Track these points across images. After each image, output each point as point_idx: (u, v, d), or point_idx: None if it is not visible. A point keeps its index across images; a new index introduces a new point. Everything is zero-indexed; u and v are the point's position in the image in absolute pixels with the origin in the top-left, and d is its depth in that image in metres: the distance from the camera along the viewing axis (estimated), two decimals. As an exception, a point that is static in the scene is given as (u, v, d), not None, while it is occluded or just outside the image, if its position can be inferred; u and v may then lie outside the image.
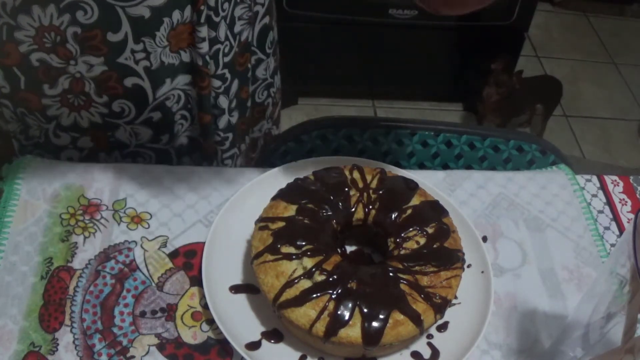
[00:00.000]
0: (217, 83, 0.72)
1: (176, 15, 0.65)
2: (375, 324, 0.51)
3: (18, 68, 0.65)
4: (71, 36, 0.63)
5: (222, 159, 0.81)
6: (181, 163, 0.79)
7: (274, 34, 0.83)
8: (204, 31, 0.67)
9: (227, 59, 0.72)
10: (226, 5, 0.68)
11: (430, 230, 0.58)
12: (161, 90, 0.70)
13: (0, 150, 0.77)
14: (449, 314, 0.56)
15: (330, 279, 0.53)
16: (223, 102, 0.75)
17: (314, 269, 0.53)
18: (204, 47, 0.68)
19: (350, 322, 0.51)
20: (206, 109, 0.74)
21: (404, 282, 0.54)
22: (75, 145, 0.73)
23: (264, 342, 0.55)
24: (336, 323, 0.51)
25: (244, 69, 0.77)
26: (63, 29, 0.62)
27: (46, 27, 0.61)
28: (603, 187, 0.74)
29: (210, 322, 0.56)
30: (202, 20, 0.66)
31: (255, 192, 0.64)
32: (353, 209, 0.60)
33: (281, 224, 0.56)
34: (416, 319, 0.52)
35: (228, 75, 0.74)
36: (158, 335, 0.56)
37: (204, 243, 0.60)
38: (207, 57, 0.69)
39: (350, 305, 0.51)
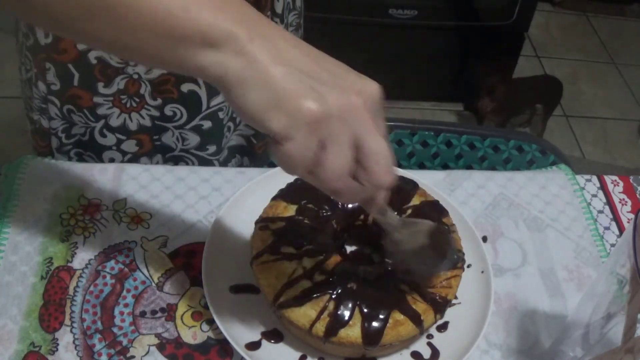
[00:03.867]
0: None
1: None
2: (375, 324, 0.51)
3: (73, 65, 0.65)
4: None
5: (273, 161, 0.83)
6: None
7: (301, 32, 0.84)
8: None
9: None
10: (286, 12, 0.69)
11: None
12: (216, 100, 0.71)
13: (37, 148, 0.77)
14: (449, 314, 0.56)
15: (330, 279, 0.53)
16: None
17: (314, 269, 0.53)
18: None
19: (350, 322, 0.51)
20: None
21: (404, 282, 0.54)
22: (119, 148, 0.73)
23: (264, 342, 0.55)
24: (336, 323, 0.51)
25: None
26: None
27: None
28: (603, 187, 0.74)
29: (210, 322, 0.56)
30: None
31: (255, 192, 0.64)
32: (353, 209, 0.60)
33: (281, 224, 0.56)
34: (416, 319, 0.52)
35: None
36: (158, 335, 0.56)
37: (204, 243, 0.60)
38: None
39: (350, 305, 0.51)
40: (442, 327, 0.57)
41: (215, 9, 0.38)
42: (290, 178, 0.62)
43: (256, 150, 0.82)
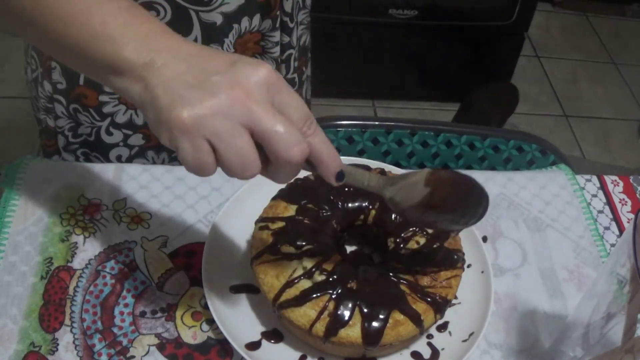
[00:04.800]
0: None
1: (244, 22, 0.65)
2: (375, 324, 0.51)
3: None
4: None
5: None
6: None
7: (309, 32, 0.84)
8: (277, 36, 0.68)
9: (296, 64, 0.73)
10: (295, 11, 0.69)
11: (430, 230, 0.58)
12: None
13: (44, 147, 0.77)
14: (449, 314, 0.56)
15: (330, 279, 0.53)
16: None
17: (314, 269, 0.53)
18: (276, 51, 0.69)
19: (350, 322, 0.51)
20: None
21: (404, 282, 0.54)
22: (125, 143, 0.73)
23: (264, 342, 0.55)
24: (336, 323, 0.51)
25: (301, 72, 0.78)
26: None
27: None
28: (603, 187, 0.74)
29: (210, 322, 0.56)
30: (277, 25, 0.67)
31: (255, 192, 0.64)
32: (353, 209, 0.60)
33: (281, 224, 0.56)
34: (416, 319, 0.52)
35: (297, 80, 0.75)
36: (158, 335, 0.56)
37: (204, 243, 0.60)
38: (279, 61, 0.70)
39: (350, 305, 0.51)
40: (442, 327, 0.58)
41: (119, 37, 0.41)
42: (290, 178, 0.62)
43: None
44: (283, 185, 0.61)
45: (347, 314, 0.51)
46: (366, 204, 0.60)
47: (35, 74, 0.71)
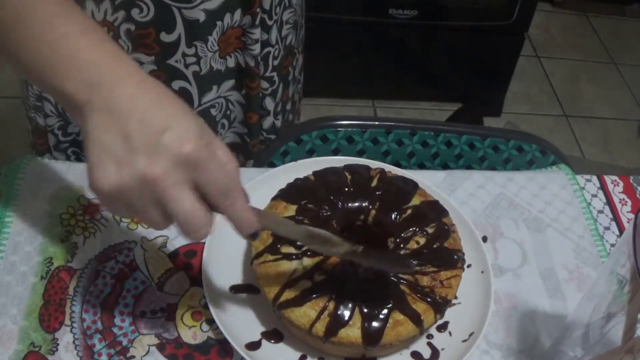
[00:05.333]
0: (265, 84, 0.73)
1: (227, 19, 0.65)
2: (375, 324, 0.51)
3: None
4: (124, 32, 0.63)
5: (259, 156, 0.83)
6: None
7: (302, 32, 0.84)
8: (257, 33, 0.67)
9: (276, 62, 0.73)
10: (278, 9, 0.69)
11: (430, 231, 0.58)
12: (207, 96, 0.71)
13: (35, 146, 0.77)
14: (449, 314, 0.56)
15: (330, 279, 0.53)
16: (269, 104, 0.76)
17: (314, 269, 0.53)
18: (256, 49, 0.69)
19: (350, 322, 0.51)
20: (254, 109, 0.75)
21: (404, 282, 0.54)
22: None
23: (264, 342, 0.55)
24: (336, 323, 0.51)
25: (286, 72, 0.78)
26: (117, 25, 0.62)
27: (99, 22, 0.62)
28: (603, 187, 0.74)
29: (210, 322, 0.56)
30: (257, 22, 0.66)
31: (255, 192, 0.64)
32: (353, 209, 0.60)
33: (281, 224, 0.56)
34: (416, 319, 0.52)
35: (276, 79, 0.75)
36: (158, 335, 0.56)
37: (204, 243, 0.60)
38: (259, 59, 0.69)
39: (350, 305, 0.51)
40: (442, 327, 0.58)
41: (75, 72, 0.41)
42: (290, 178, 0.62)
43: (250, 148, 0.82)
44: (283, 185, 0.61)
45: (347, 314, 0.51)
46: (366, 204, 0.60)
47: None
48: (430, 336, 0.57)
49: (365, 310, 0.51)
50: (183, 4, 0.62)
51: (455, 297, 0.57)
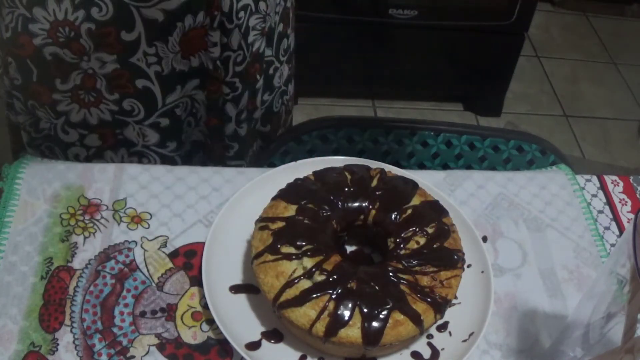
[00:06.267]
0: (226, 90, 0.72)
1: (188, 20, 0.65)
2: (375, 324, 0.51)
3: (31, 61, 0.65)
4: (85, 32, 0.63)
5: (227, 165, 0.81)
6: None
7: (288, 42, 0.83)
8: (216, 36, 0.67)
9: (239, 68, 0.72)
10: (242, 14, 0.68)
11: (430, 230, 0.58)
12: (171, 97, 0.70)
13: (10, 142, 0.77)
14: (449, 314, 0.56)
15: (330, 279, 0.53)
16: (230, 110, 0.75)
17: (314, 269, 0.53)
18: (215, 51, 0.68)
19: (350, 322, 0.51)
20: (214, 114, 0.74)
21: (404, 282, 0.54)
22: (82, 143, 0.73)
23: (264, 342, 0.55)
24: (336, 323, 0.51)
25: (253, 79, 0.77)
26: (77, 24, 0.62)
27: (60, 21, 0.62)
28: (603, 187, 0.74)
29: (210, 322, 0.56)
30: (215, 25, 0.66)
31: (255, 192, 0.64)
32: (353, 209, 0.60)
33: (281, 224, 0.56)
34: (416, 319, 0.52)
35: (239, 85, 0.74)
36: (158, 335, 0.56)
37: (204, 243, 0.60)
38: (218, 62, 0.69)
39: (350, 305, 0.51)
40: (442, 327, 0.58)
41: None
42: (290, 178, 0.62)
43: (215, 150, 0.81)
44: (283, 185, 0.61)
45: (347, 314, 0.51)
46: (366, 203, 0.60)
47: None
48: (430, 336, 0.57)
49: (365, 310, 0.51)
50: (141, 3, 0.62)
51: (455, 297, 0.57)
